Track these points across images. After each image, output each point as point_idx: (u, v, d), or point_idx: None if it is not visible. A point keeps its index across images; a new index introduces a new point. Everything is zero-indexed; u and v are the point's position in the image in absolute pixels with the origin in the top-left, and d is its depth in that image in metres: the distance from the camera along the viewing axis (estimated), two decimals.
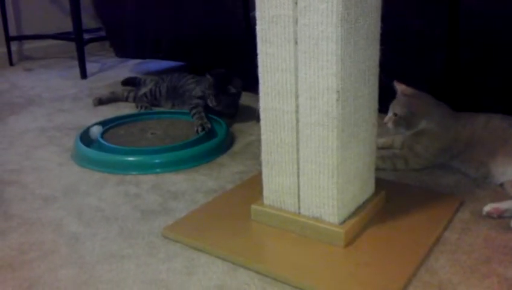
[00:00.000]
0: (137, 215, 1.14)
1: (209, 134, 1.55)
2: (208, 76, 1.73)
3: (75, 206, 1.19)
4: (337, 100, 0.86)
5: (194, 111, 1.65)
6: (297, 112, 0.92)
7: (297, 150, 0.96)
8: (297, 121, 0.93)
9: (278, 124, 0.97)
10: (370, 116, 0.99)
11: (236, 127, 1.71)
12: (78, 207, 1.18)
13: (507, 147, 1.21)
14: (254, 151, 1.50)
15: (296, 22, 0.86)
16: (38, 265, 0.96)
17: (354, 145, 0.95)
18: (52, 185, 1.30)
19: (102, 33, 2.71)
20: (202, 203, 1.18)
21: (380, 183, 1.10)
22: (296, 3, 0.85)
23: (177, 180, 1.32)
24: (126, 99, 2.01)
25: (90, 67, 2.54)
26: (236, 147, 1.55)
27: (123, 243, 1.03)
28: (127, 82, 2.23)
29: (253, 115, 1.81)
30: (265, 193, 1.05)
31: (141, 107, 1.88)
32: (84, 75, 2.45)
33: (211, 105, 1.70)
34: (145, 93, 1.94)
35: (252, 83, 2.09)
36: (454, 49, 1.47)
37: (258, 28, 0.91)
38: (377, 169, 1.11)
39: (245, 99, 1.98)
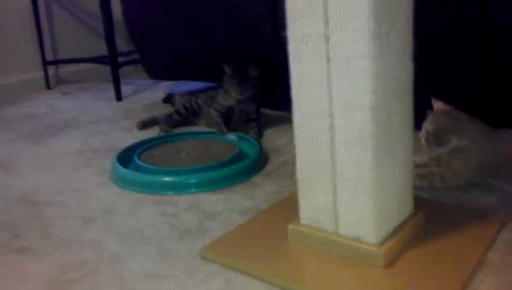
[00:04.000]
0: (175, 235, 1.15)
1: (243, 154, 1.56)
2: (225, 67, 1.75)
3: (114, 227, 1.21)
4: (371, 117, 0.86)
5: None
6: (331, 130, 0.93)
7: (333, 168, 0.96)
8: (332, 139, 0.93)
9: (312, 143, 0.97)
10: (405, 133, 0.98)
11: (270, 146, 1.72)
12: (117, 227, 1.20)
13: None
14: (288, 170, 1.50)
15: (327, 40, 0.86)
16: (80, 285, 0.98)
17: (390, 162, 0.95)
18: (91, 206, 1.33)
19: (136, 56, 2.78)
20: (238, 223, 1.18)
21: (418, 201, 1.08)
22: (328, 21, 0.85)
23: (213, 200, 1.33)
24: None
25: (124, 89, 2.59)
26: (270, 166, 1.55)
27: (162, 263, 1.04)
28: (168, 99, 2.30)
29: (284, 134, 1.81)
30: (301, 212, 1.05)
31: (162, 130, 1.88)
32: (119, 97, 2.51)
33: (237, 97, 1.73)
34: (176, 111, 1.96)
35: (283, 103, 2.11)
36: (487, 63, 1.45)
37: (290, 47, 0.92)
38: (415, 187, 1.09)
39: (276, 118, 1.99)
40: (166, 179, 1.40)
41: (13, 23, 2.83)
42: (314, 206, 1.02)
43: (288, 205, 1.21)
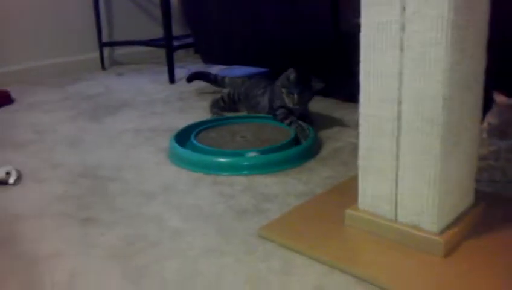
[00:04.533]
0: (232, 214, 1.18)
1: (297, 138, 1.58)
2: (291, 71, 1.72)
3: (175, 203, 1.25)
4: (443, 107, 0.86)
5: (287, 121, 1.67)
6: (399, 118, 0.93)
7: (397, 157, 0.96)
8: (399, 128, 0.94)
9: (378, 131, 0.98)
10: (473, 125, 0.98)
11: (323, 133, 1.73)
12: (177, 204, 1.25)
13: None
14: (342, 157, 1.51)
15: (403, 28, 0.87)
16: (145, 256, 1.03)
17: (456, 153, 0.94)
18: (151, 182, 1.38)
19: (189, 40, 2.83)
20: (294, 205, 1.21)
21: (478, 194, 1.07)
22: (404, 9, 0.86)
23: (268, 182, 1.36)
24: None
25: (177, 72, 2.65)
26: (324, 152, 1.57)
27: (221, 240, 1.07)
28: (193, 77, 2.29)
29: (337, 122, 1.82)
30: (360, 198, 1.06)
31: (214, 113, 1.93)
32: (172, 80, 2.57)
33: (290, 105, 1.70)
34: (222, 97, 1.99)
35: (334, 91, 2.09)
36: None
37: (363, 34, 0.93)
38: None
39: (328, 106, 2.00)
40: (223, 159, 1.44)
41: (72, 5, 2.93)
42: (373, 193, 1.03)
43: (343, 191, 1.23)
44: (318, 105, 1.97)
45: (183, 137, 1.62)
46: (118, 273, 0.97)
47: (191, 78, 2.32)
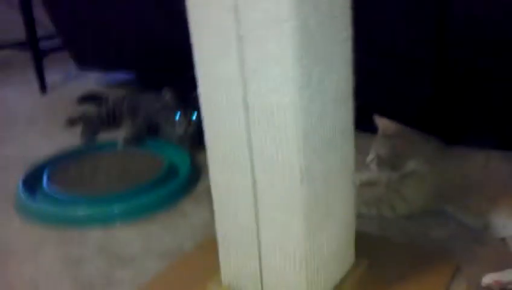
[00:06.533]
0: None
1: (166, 174, 1.36)
2: (168, 92, 1.51)
3: (5, 280, 1.00)
4: (301, 180, 0.68)
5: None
6: (254, 190, 0.74)
7: (258, 233, 0.78)
8: (255, 202, 0.75)
9: (232, 203, 0.79)
10: (346, 188, 0.81)
11: (201, 157, 1.52)
12: (8, 282, 1.00)
13: (509, 195, 1.04)
14: None
15: (245, 86, 0.67)
16: None
17: (329, 226, 0.78)
18: None
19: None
20: (155, 271, 1.00)
21: (362, 241, 0.92)
22: (243, 65, 0.65)
23: (128, 237, 1.14)
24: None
25: (52, 78, 2.30)
26: (202, 185, 1.36)
27: None
28: (85, 99, 1.98)
29: None
30: (223, 272, 0.88)
31: (86, 137, 1.66)
32: (43, 89, 2.24)
33: (180, 132, 1.50)
34: (99, 115, 1.73)
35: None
36: (443, 74, 1.29)
37: (200, 89, 0.72)
38: (360, 217, 0.93)
39: None
40: (72, 210, 1.20)
41: None
42: (236, 271, 0.85)
43: (213, 247, 1.04)
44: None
45: (37, 177, 1.35)
46: None
47: (82, 100, 1.97)
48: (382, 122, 1.16)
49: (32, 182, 1.33)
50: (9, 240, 1.14)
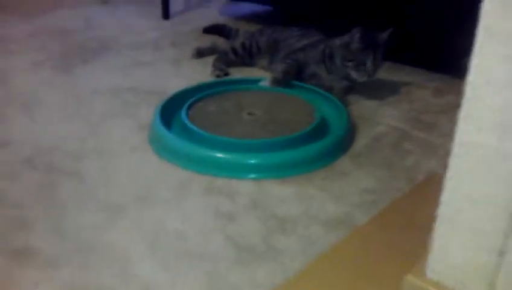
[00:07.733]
0: (232, 256, 0.81)
1: (323, 122, 1.16)
2: (353, 33, 1.28)
3: (148, 229, 0.87)
4: None
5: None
6: None
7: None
8: None
9: (482, 169, 0.57)
10: None
11: (356, 109, 1.31)
12: (152, 230, 0.86)
13: None
14: (383, 153, 1.11)
15: None
16: None
17: None
18: (120, 185, 0.99)
19: None
20: (321, 242, 0.83)
21: None
22: None
23: (284, 196, 0.96)
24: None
25: (173, 4, 2.16)
26: (359, 144, 1.16)
27: None
28: (210, 30, 1.86)
29: (378, 93, 1.39)
30: (430, 264, 0.68)
31: (217, 70, 1.49)
32: (166, 15, 2.10)
33: (363, 79, 1.29)
34: (233, 49, 1.56)
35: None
36: None
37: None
38: None
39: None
40: (220, 155, 1.04)
41: None
42: (458, 262, 0.64)
43: (393, 224, 0.85)
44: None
45: (171, 109, 1.20)
46: None
47: (207, 30, 1.87)
48: None
49: (168, 115, 1.18)
50: (145, 182, 1.00)
